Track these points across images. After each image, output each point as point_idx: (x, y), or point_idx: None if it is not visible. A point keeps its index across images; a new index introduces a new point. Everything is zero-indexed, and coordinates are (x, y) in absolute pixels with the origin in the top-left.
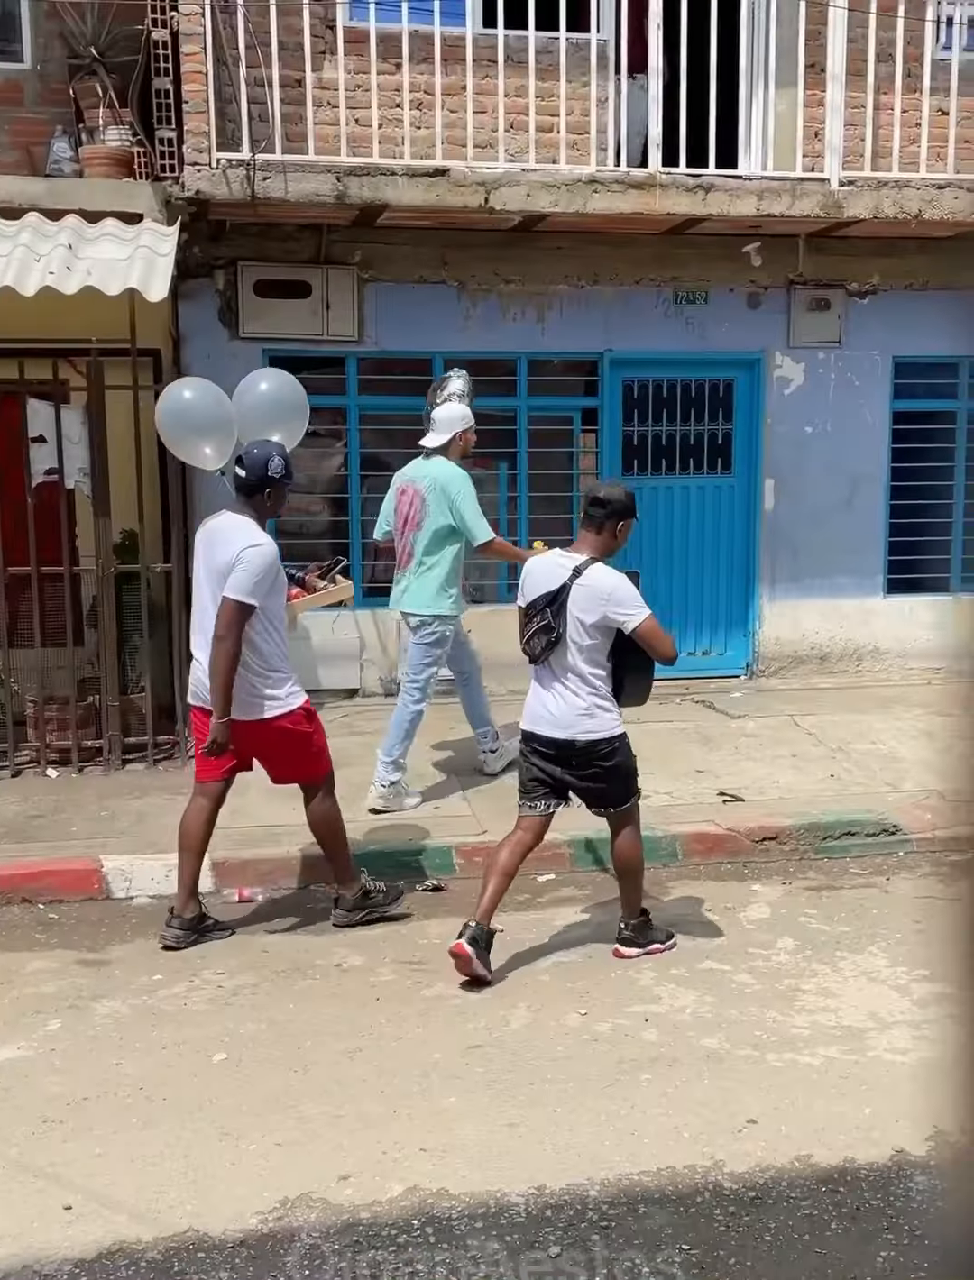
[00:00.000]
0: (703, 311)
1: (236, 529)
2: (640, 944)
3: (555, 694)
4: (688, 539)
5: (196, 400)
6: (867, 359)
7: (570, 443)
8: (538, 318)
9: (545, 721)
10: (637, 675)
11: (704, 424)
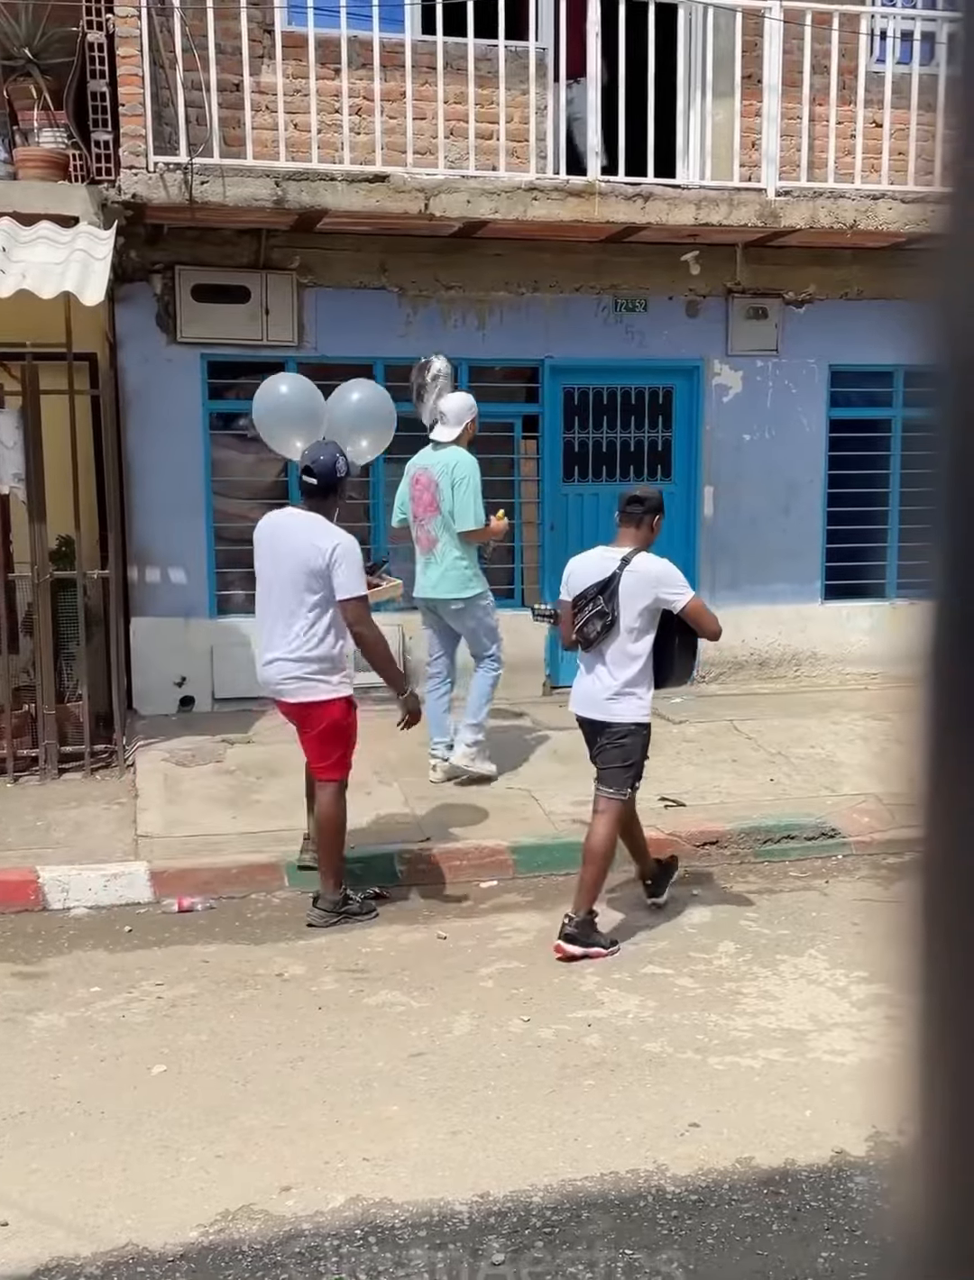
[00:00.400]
0: (642, 319)
1: (315, 528)
2: (583, 943)
3: (596, 675)
4: None
5: (292, 395)
6: (803, 367)
7: (511, 449)
8: (478, 324)
9: (585, 702)
10: (683, 654)
11: (644, 431)
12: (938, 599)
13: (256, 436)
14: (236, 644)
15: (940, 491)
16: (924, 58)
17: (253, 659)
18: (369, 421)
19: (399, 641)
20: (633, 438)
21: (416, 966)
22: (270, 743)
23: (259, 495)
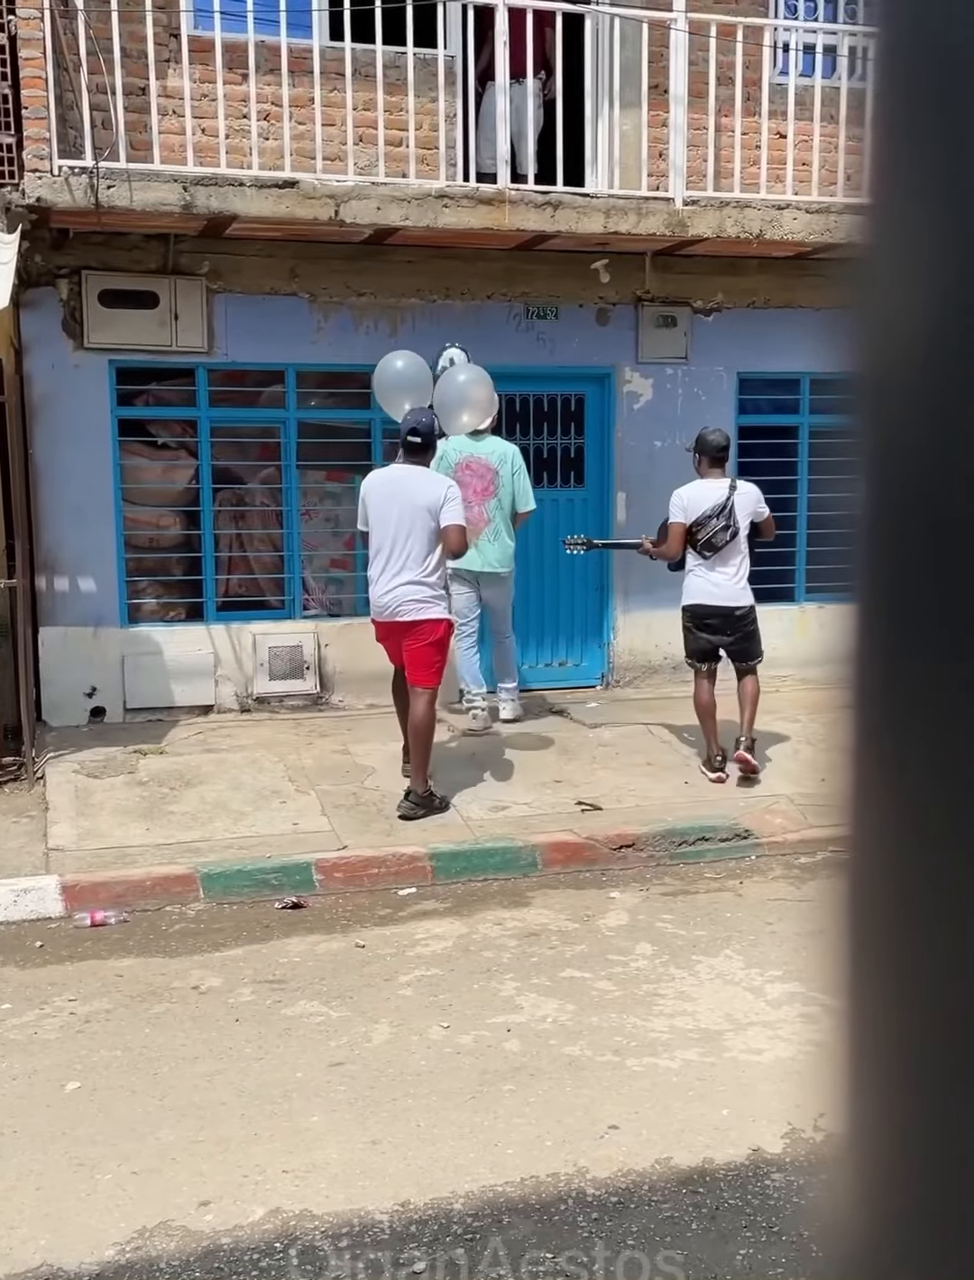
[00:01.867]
0: (553, 327)
1: (429, 477)
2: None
3: (722, 574)
4: (543, 551)
5: (406, 369)
6: (712, 374)
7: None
8: (390, 330)
9: (716, 596)
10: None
11: (557, 437)
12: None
13: (165, 443)
14: (148, 653)
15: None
16: (826, 71)
17: (165, 667)
18: (475, 401)
19: (313, 648)
20: (545, 444)
21: (335, 976)
22: (183, 753)
23: (169, 502)
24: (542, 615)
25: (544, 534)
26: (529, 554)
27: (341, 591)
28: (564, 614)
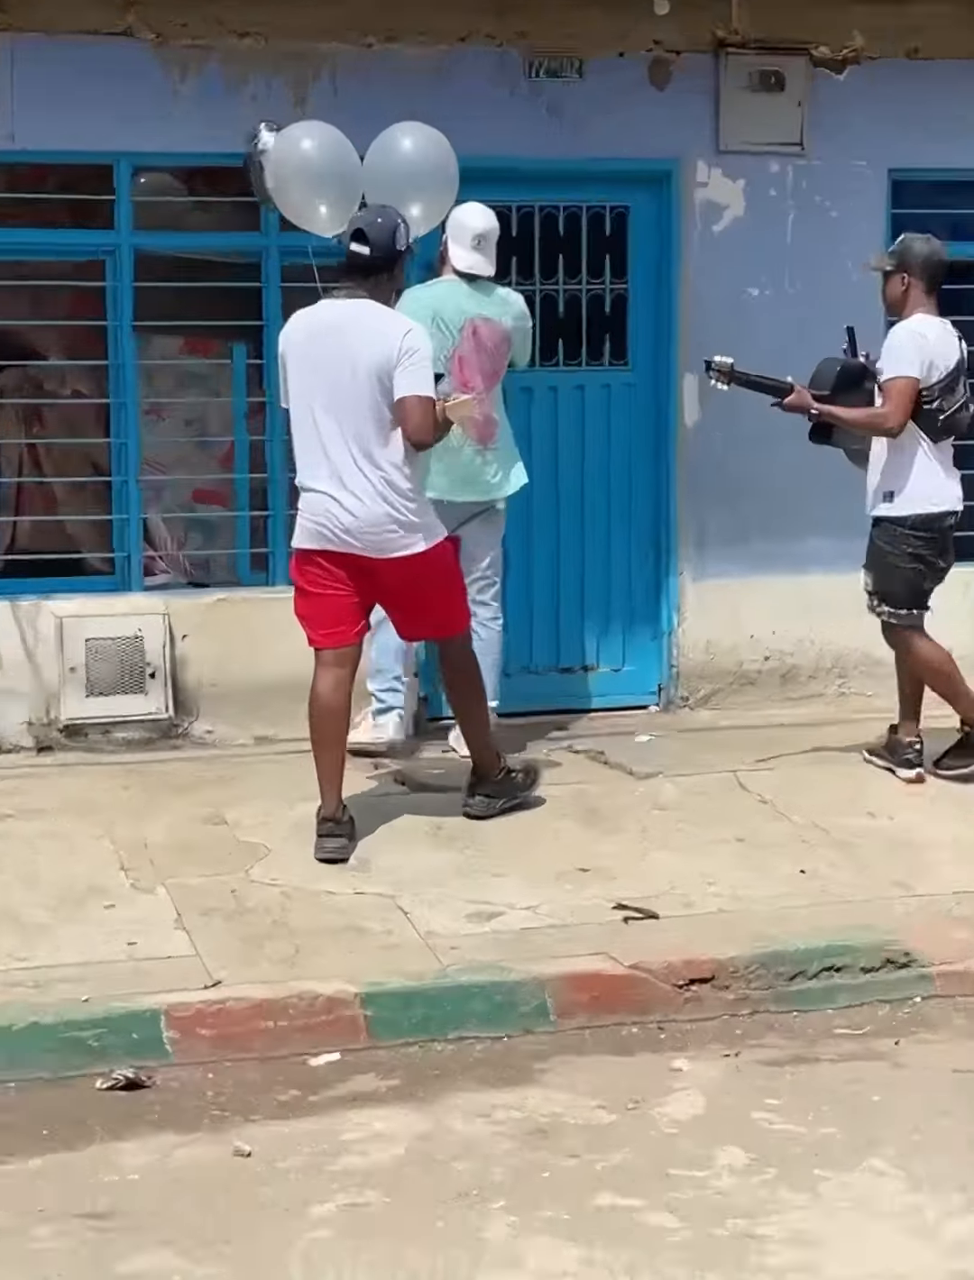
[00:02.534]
0: (574, 92)
1: (375, 316)
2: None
3: (953, 468)
4: (557, 477)
5: (317, 152)
6: (847, 172)
7: None
8: (295, 97)
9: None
10: None
11: (578, 281)
12: None
13: None
14: None
15: None
16: None
17: None
18: (424, 180)
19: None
20: (560, 292)
21: (200, 1206)
22: None
23: None
24: (556, 585)
25: (559, 443)
26: (534, 480)
27: (212, 543)
28: (594, 583)
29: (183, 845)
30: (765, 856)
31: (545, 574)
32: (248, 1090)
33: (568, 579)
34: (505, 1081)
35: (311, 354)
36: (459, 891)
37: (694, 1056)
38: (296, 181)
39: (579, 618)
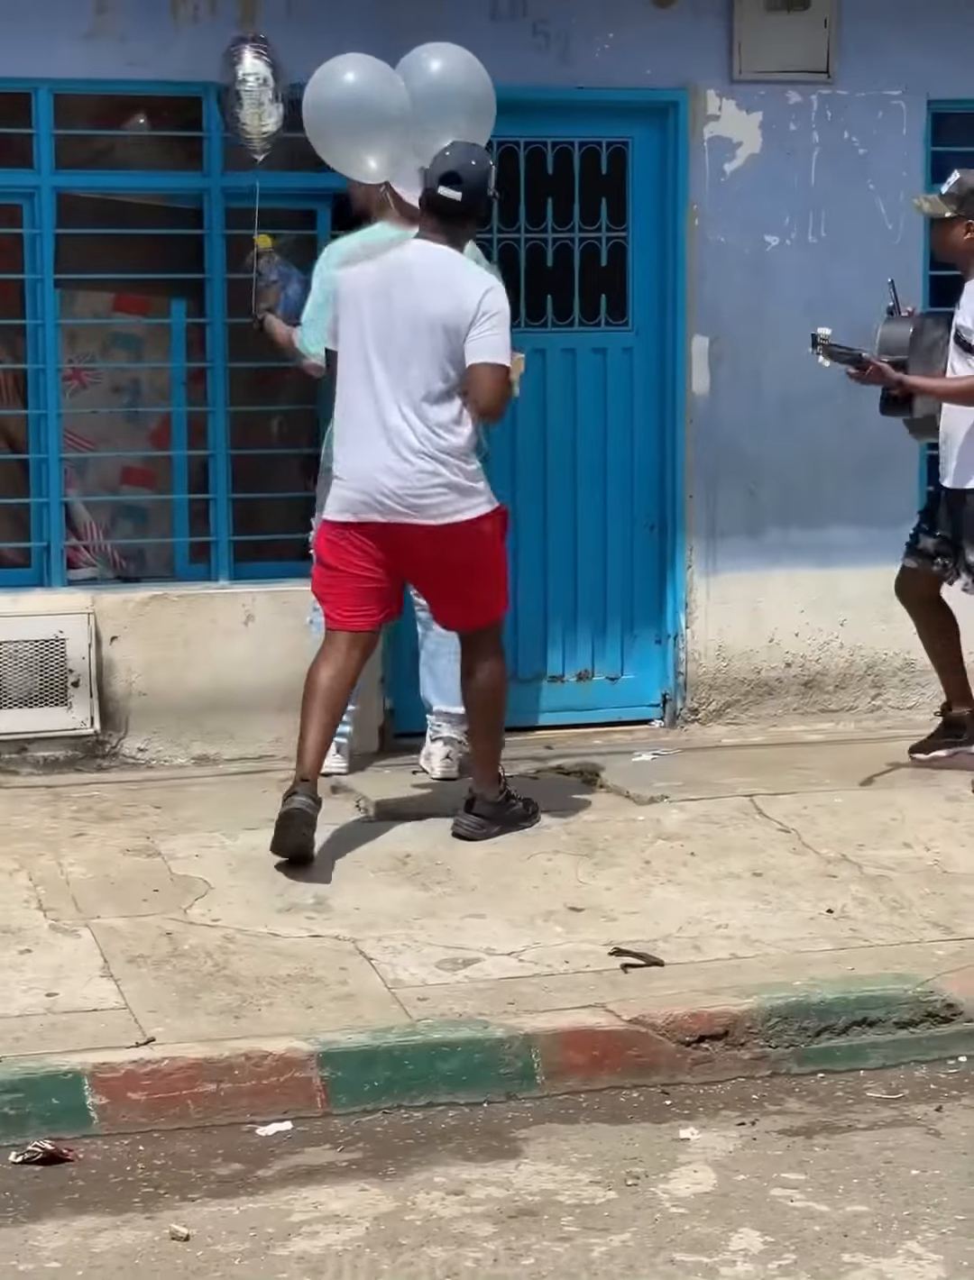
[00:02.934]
0: (565, 10)
1: (452, 267)
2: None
3: None
4: (546, 456)
5: (362, 87)
6: (880, 105)
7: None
8: (240, 13)
9: None
10: None
11: (570, 229)
12: None
13: None
14: None
15: None
16: None
17: None
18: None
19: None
20: (549, 240)
21: None
22: None
23: None
24: (544, 581)
25: (550, 413)
26: (520, 456)
27: (145, 531)
28: (589, 577)
29: (110, 881)
30: (786, 894)
31: (532, 568)
32: (184, 1164)
33: (558, 574)
34: (484, 1154)
35: (374, 298)
36: (430, 934)
37: (703, 1125)
38: (342, 129)
39: (571, 619)
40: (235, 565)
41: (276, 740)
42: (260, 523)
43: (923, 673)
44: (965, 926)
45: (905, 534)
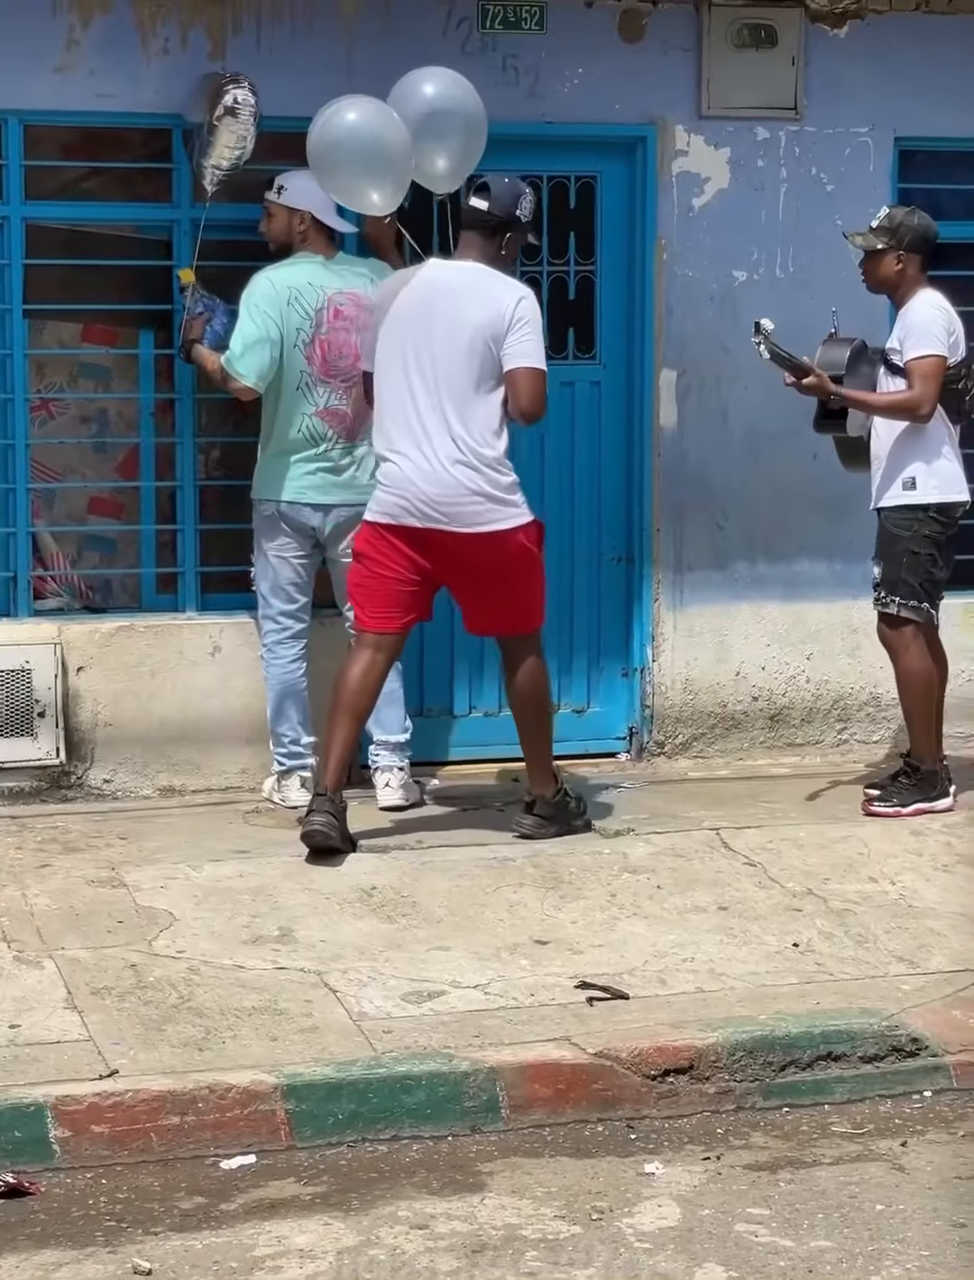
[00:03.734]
0: (534, 45)
1: (484, 278)
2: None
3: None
4: None
5: (365, 125)
6: (847, 142)
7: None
8: (210, 48)
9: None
10: None
11: (538, 263)
12: None
13: None
14: None
15: None
16: None
17: None
18: (452, 125)
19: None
20: (517, 274)
21: None
22: None
23: None
24: None
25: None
26: None
27: (112, 561)
28: (557, 609)
29: (75, 912)
30: (752, 927)
31: None
32: (147, 1198)
33: None
34: (448, 1187)
35: (410, 313)
36: (395, 967)
37: (668, 1159)
38: (347, 164)
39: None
40: (202, 596)
41: (243, 771)
42: (227, 553)
43: (889, 707)
44: (931, 960)
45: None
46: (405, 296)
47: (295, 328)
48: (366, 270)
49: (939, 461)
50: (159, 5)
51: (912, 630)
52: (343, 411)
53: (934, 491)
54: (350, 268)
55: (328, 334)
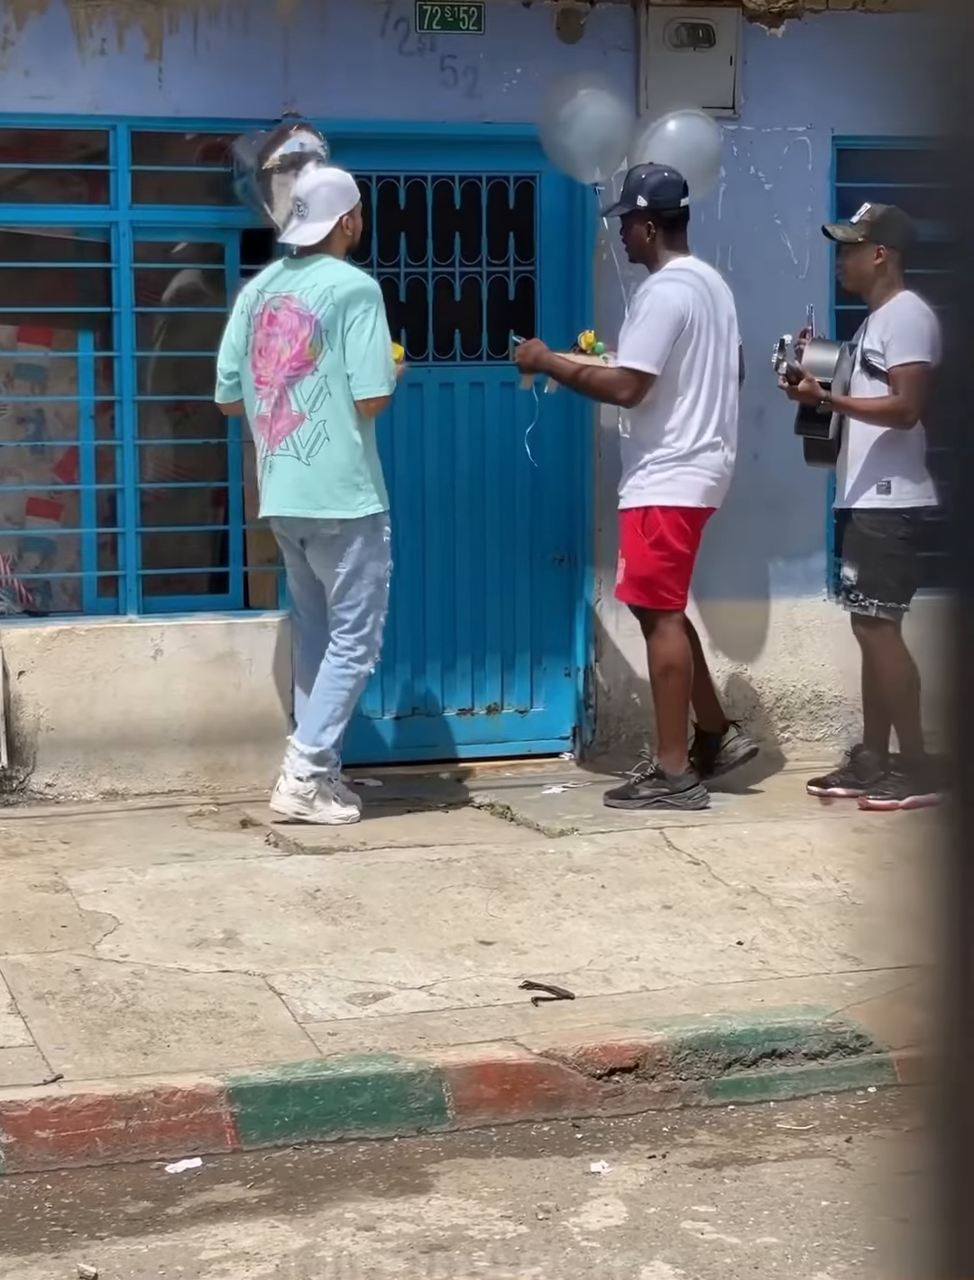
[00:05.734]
0: (472, 45)
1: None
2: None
3: None
4: (453, 488)
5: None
6: (785, 141)
7: (222, 290)
8: (149, 49)
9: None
10: None
11: (477, 263)
12: None
13: None
14: None
15: None
16: None
17: None
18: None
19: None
20: (457, 274)
21: None
22: None
23: None
24: (453, 612)
25: (458, 448)
26: (428, 488)
27: (51, 562)
28: (499, 610)
29: (17, 917)
30: (696, 926)
31: (439, 600)
32: (93, 1202)
33: (465, 605)
34: (395, 1188)
35: (705, 313)
36: (340, 969)
37: (614, 1158)
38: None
39: (479, 651)
40: (144, 599)
41: (186, 774)
42: (169, 556)
43: (831, 705)
44: (874, 957)
45: (813, 566)
46: (698, 296)
47: (244, 335)
48: (316, 276)
49: (914, 466)
50: (95, 5)
51: (891, 629)
52: (266, 417)
53: (908, 496)
54: (294, 273)
55: (260, 339)
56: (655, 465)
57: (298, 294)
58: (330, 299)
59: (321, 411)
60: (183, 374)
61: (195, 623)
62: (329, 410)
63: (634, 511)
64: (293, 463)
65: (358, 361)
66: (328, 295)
